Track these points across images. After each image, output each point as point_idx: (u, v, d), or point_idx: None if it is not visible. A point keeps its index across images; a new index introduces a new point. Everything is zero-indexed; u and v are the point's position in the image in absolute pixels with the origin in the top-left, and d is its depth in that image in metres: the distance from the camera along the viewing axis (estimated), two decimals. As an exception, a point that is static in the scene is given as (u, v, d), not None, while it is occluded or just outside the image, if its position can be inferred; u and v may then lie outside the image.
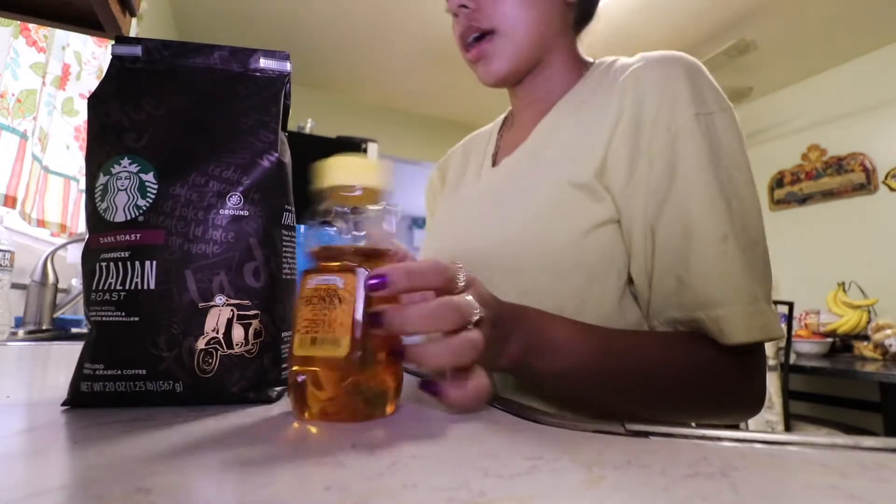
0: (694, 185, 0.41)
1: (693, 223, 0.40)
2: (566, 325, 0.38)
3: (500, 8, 0.50)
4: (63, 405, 0.28)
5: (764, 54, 2.64)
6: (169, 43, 0.33)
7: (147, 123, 0.31)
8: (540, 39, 0.52)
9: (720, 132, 0.42)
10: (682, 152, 0.41)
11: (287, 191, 0.34)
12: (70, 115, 1.26)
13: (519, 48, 0.52)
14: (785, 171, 3.08)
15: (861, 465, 0.18)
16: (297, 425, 0.25)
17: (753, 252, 0.40)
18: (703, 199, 0.40)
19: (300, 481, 0.16)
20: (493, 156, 0.61)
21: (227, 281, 0.30)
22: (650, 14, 2.39)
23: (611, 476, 0.17)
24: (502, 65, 0.52)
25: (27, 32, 1.06)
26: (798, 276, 2.95)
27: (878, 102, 2.65)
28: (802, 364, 1.86)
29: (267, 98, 0.34)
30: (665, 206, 0.41)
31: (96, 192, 0.31)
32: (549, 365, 0.36)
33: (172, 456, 0.19)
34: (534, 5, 0.51)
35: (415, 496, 0.15)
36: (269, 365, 0.31)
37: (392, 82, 3.14)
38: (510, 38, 0.51)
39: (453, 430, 0.24)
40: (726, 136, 0.42)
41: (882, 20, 2.41)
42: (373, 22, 2.49)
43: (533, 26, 0.51)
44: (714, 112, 0.43)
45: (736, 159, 0.42)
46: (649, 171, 0.42)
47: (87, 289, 0.30)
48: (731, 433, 0.22)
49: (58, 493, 0.15)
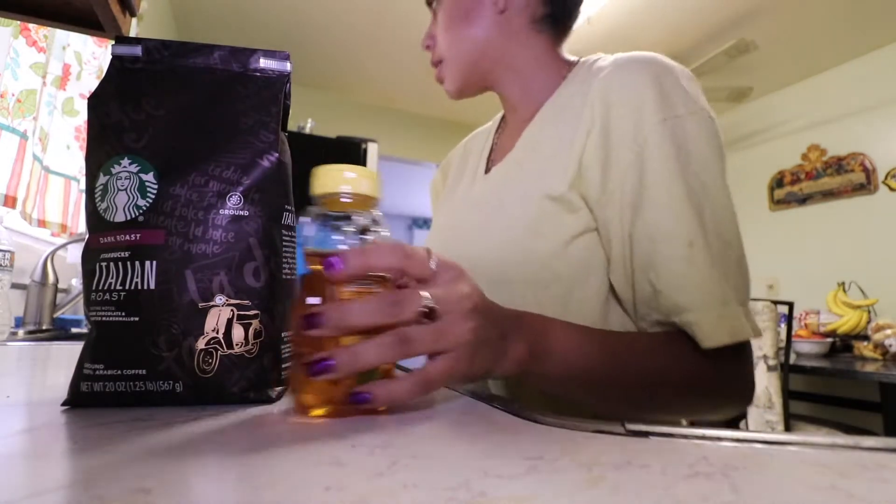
0: (660, 195, 0.41)
1: (659, 232, 0.41)
2: (567, 328, 0.38)
3: (441, 40, 0.58)
4: (63, 405, 0.28)
5: (764, 54, 2.64)
6: (169, 43, 0.33)
7: (147, 123, 0.31)
8: (479, 56, 0.57)
9: (689, 136, 0.42)
10: (649, 162, 0.42)
11: (287, 191, 0.34)
12: (70, 115, 1.26)
13: (459, 68, 0.58)
14: (785, 171, 3.08)
15: (861, 465, 0.18)
16: (296, 425, 0.25)
17: (725, 255, 0.41)
18: (668, 208, 0.41)
19: (300, 481, 0.16)
20: (488, 160, 0.63)
21: (227, 281, 0.30)
22: (650, 14, 2.39)
23: (611, 476, 0.17)
24: (451, 85, 0.59)
25: (27, 32, 1.06)
26: (798, 276, 2.95)
27: (878, 102, 2.65)
28: (802, 364, 1.86)
29: (267, 98, 0.34)
30: (637, 216, 0.42)
31: (96, 192, 0.31)
32: (555, 368, 0.35)
33: (172, 456, 0.19)
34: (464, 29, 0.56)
35: (415, 496, 0.15)
36: (269, 365, 0.31)
37: (392, 82, 3.14)
38: (450, 63, 0.58)
39: (453, 430, 0.24)
40: (696, 140, 0.42)
41: (882, 20, 2.41)
42: (373, 22, 2.49)
43: (466, 48, 0.56)
44: (682, 115, 0.42)
45: (706, 163, 0.42)
46: (621, 182, 0.43)
47: (87, 289, 0.30)
48: (731, 433, 0.22)
49: (58, 493, 0.15)
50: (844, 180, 2.76)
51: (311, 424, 0.25)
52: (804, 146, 2.99)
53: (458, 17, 0.56)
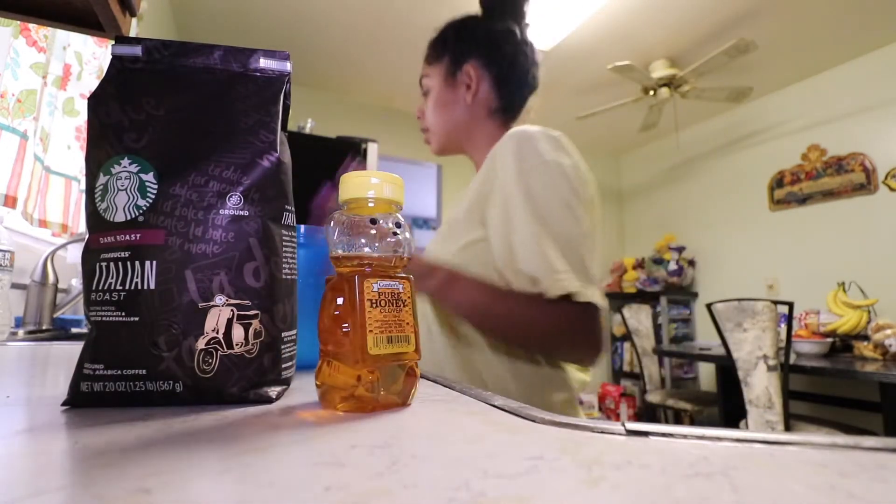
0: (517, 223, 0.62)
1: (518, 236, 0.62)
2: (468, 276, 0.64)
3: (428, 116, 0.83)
4: (63, 405, 0.28)
5: (764, 54, 2.64)
6: (169, 43, 0.33)
7: (147, 123, 0.31)
8: (451, 131, 0.81)
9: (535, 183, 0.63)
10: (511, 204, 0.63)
11: (287, 191, 0.34)
12: (71, 115, 1.26)
13: (439, 137, 0.83)
14: (785, 171, 3.08)
15: (861, 465, 0.18)
16: (296, 425, 0.25)
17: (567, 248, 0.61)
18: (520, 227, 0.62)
19: (300, 481, 0.16)
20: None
21: (227, 281, 0.30)
22: (650, 14, 2.39)
23: (611, 476, 0.17)
24: (434, 147, 0.84)
25: (27, 32, 1.06)
26: (798, 276, 2.95)
27: (878, 102, 2.65)
28: (802, 364, 1.86)
29: (267, 98, 0.34)
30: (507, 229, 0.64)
31: (96, 192, 0.31)
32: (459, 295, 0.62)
33: (172, 456, 0.19)
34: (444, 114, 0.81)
35: (415, 496, 0.15)
36: (269, 365, 0.31)
37: (392, 82, 3.14)
38: (433, 133, 0.83)
39: (453, 430, 0.24)
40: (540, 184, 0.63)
41: (882, 20, 2.41)
42: (373, 22, 2.49)
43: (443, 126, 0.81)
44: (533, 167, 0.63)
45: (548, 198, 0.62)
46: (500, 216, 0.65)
47: (87, 289, 0.30)
48: (731, 433, 0.22)
49: (58, 493, 0.15)
50: (844, 180, 2.76)
51: (311, 424, 0.25)
52: (804, 146, 2.99)
53: (441, 104, 0.81)
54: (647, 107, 3.00)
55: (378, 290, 0.29)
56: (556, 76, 2.96)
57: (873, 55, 2.69)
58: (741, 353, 1.86)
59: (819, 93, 2.94)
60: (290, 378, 0.34)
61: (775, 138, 3.16)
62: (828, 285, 2.57)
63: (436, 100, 0.81)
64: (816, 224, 2.90)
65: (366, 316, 0.28)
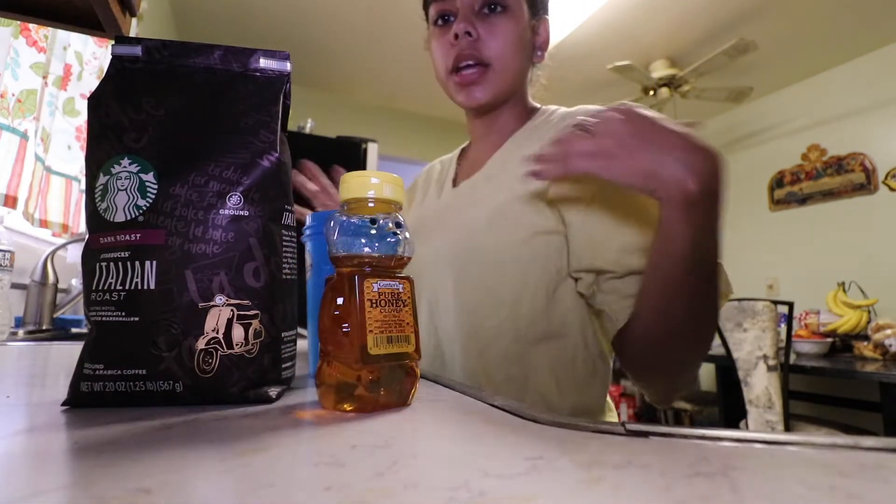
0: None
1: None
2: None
3: (497, 45, 0.60)
4: (63, 405, 0.28)
5: (764, 54, 2.64)
6: (169, 43, 0.33)
7: (147, 123, 0.31)
8: (516, 81, 0.64)
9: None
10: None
11: (287, 191, 0.34)
12: (71, 115, 1.26)
13: (503, 84, 0.62)
14: (785, 171, 3.07)
15: (861, 465, 0.18)
16: (297, 425, 0.25)
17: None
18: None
19: (300, 481, 0.16)
20: (454, 179, 0.71)
21: (227, 281, 0.30)
22: (650, 14, 2.39)
23: (611, 476, 0.17)
24: (486, 95, 0.62)
25: (27, 32, 1.06)
26: (798, 276, 2.95)
27: (878, 102, 2.65)
28: (802, 364, 1.86)
29: (267, 98, 0.34)
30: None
31: (96, 192, 0.31)
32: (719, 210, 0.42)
33: (172, 456, 0.19)
34: (521, 51, 0.63)
35: (415, 496, 0.15)
36: (269, 365, 0.31)
37: (392, 82, 3.14)
38: (499, 74, 0.61)
39: (453, 430, 0.24)
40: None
41: (882, 20, 2.41)
42: (374, 22, 2.49)
43: (517, 70, 0.63)
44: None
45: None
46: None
47: (87, 289, 0.30)
48: (731, 433, 0.22)
49: (58, 493, 0.15)
50: (844, 180, 2.76)
51: (311, 424, 0.25)
52: (804, 146, 2.98)
53: (519, 44, 0.62)
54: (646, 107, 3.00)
55: (378, 290, 0.29)
56: (555, 76, 2.95)
57: (873, 55, 2.69)
58: (741, 353, 1.86)
59: (819, 93, 2.94)
60: (291, 378, 0.34)
61: (775, 138, 3.16)
62: (828, 285, 2.57)
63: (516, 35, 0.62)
64: (816, 224, 2.90)
65: (366, 316, 0.28)
